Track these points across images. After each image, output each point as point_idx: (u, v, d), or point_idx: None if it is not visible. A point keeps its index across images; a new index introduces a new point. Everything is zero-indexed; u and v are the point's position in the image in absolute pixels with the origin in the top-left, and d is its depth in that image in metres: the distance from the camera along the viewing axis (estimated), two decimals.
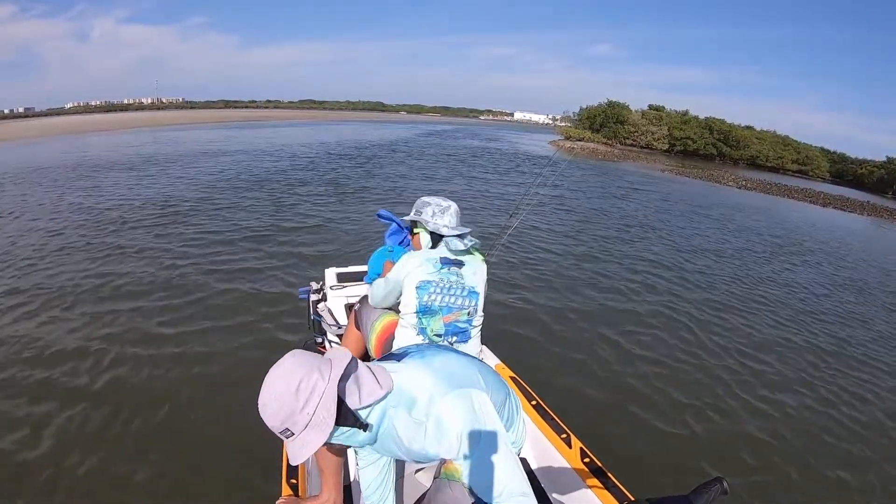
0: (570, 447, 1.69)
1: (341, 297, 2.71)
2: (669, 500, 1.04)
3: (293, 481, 1.45)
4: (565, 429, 1.78)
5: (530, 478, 1.35)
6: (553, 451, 1.73)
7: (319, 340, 2.48)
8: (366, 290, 2.03)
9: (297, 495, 1.44)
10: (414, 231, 1.94)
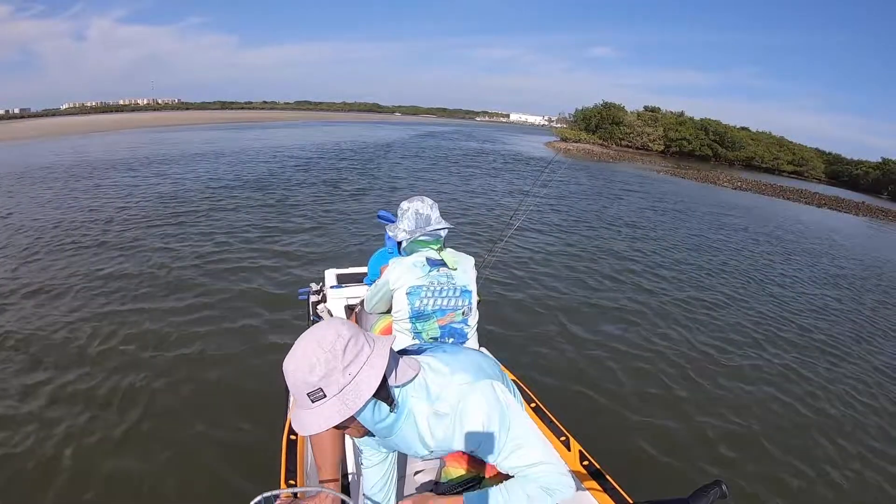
0: (568, 450, 1.69)
1: (341, 299, 2.70)
2: (668, 503, 1.05)
3: (291, 482, 1.45)
4: (564, 431, 1.77)
5: None
6: None
7: None
8: (365, 292, 2.03)
9: (295, 496, 1.43)
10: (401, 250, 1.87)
